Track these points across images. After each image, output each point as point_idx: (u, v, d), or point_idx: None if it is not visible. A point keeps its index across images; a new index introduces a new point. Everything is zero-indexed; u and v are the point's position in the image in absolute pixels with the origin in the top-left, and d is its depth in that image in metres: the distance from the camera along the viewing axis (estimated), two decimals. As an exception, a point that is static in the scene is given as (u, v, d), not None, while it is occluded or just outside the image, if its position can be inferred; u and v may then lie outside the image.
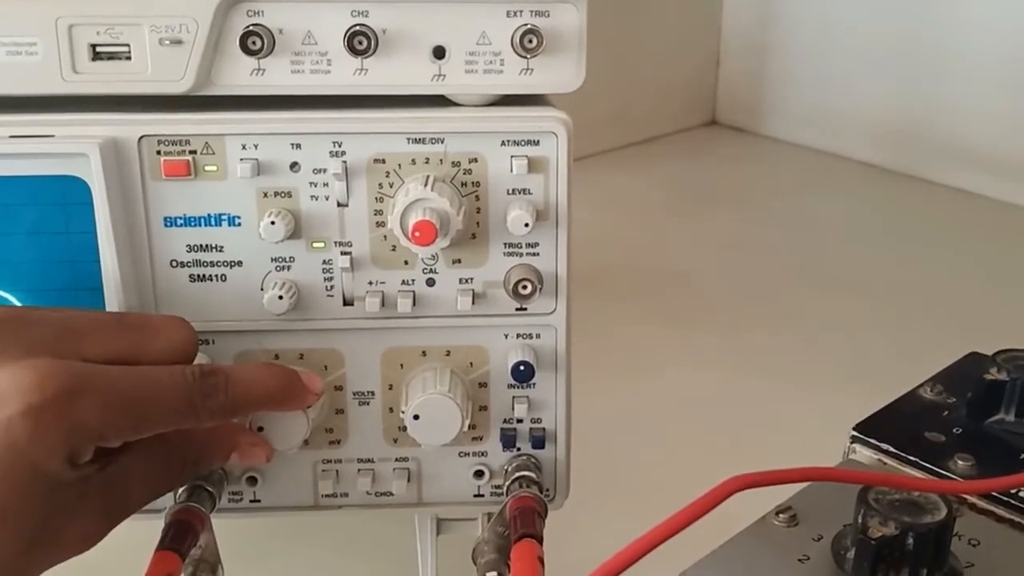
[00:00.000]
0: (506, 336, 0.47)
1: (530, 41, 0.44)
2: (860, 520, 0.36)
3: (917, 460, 0.44)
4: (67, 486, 0.36)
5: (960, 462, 0.44)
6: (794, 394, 0.83)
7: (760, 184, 1.36)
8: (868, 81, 1.37)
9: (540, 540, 0.42)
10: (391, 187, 0.44)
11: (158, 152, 0.43)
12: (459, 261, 0.45)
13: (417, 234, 0.42)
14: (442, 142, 0.44)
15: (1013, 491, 0.41)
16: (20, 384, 0.34)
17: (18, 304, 0.45)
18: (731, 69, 1.51)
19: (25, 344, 0.36)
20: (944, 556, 0.36)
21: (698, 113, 1.53)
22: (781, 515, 0.40)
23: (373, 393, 0.47)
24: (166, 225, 0.44)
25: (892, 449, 0.45)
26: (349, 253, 0.45)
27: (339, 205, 0.44)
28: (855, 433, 0.46)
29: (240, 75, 0.44)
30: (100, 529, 0.38)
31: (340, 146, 0.44)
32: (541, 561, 0.40)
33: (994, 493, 0.42)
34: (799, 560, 0.38)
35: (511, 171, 0.44)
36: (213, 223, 0.44)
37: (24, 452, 0.34)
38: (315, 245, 0.45)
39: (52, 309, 0.40)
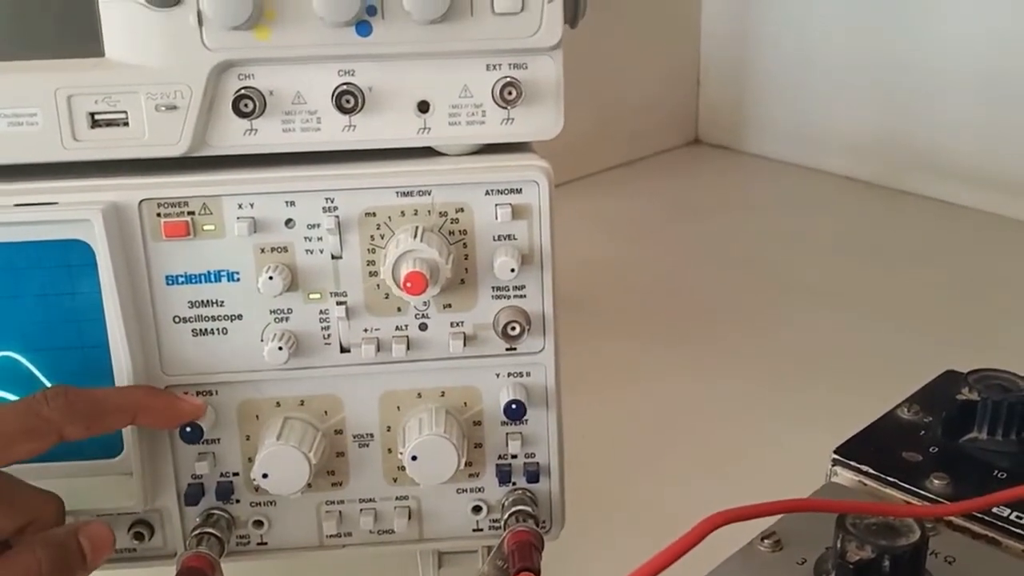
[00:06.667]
0: (497, 375, 0.49)
1: (509, 93, 0.46)
2: (839, 545, 0.38)
3: (895, 481, 0.46)
4: None
5: (936, 481, 0.45)
6: (780, 410, 0.84)
7: (743, 200, 1.38)
8: (847, 96, 1.39)
9: (538, 572, 0.44)
10: (382, 239, 0.46)
11: (158, 214, 0.45)
12: (450, 306, 0.47)
13: (409, 284, 0.44)
14: (429, 194, 0.46)
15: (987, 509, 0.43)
16: None
17: (27, 364, 0.46)
18: (712, 88, 1.54)
19: None
20: (919, 575, 0.38)
21: (681, 133, 1.56)
22: (766, 540, 0.42)
23: (372, 435, 0.49)
24: (168, 283, 0.46)
25: (871, 471, 0.47)
26: (344, 303, 0.46)
27: (333, 257, 0.46)
28: (836, 456, 0.48)
29: (234, 136, 0.46)
30: None
31: (332, 202, 0.45)
32: (539, 593, 0.42)
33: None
34: (784, 583, 0.40)
35: (496, 219, 0.46)
36: (213, 279, 0.46)
37: None
38: (312, 296, 0.46)
39: None
